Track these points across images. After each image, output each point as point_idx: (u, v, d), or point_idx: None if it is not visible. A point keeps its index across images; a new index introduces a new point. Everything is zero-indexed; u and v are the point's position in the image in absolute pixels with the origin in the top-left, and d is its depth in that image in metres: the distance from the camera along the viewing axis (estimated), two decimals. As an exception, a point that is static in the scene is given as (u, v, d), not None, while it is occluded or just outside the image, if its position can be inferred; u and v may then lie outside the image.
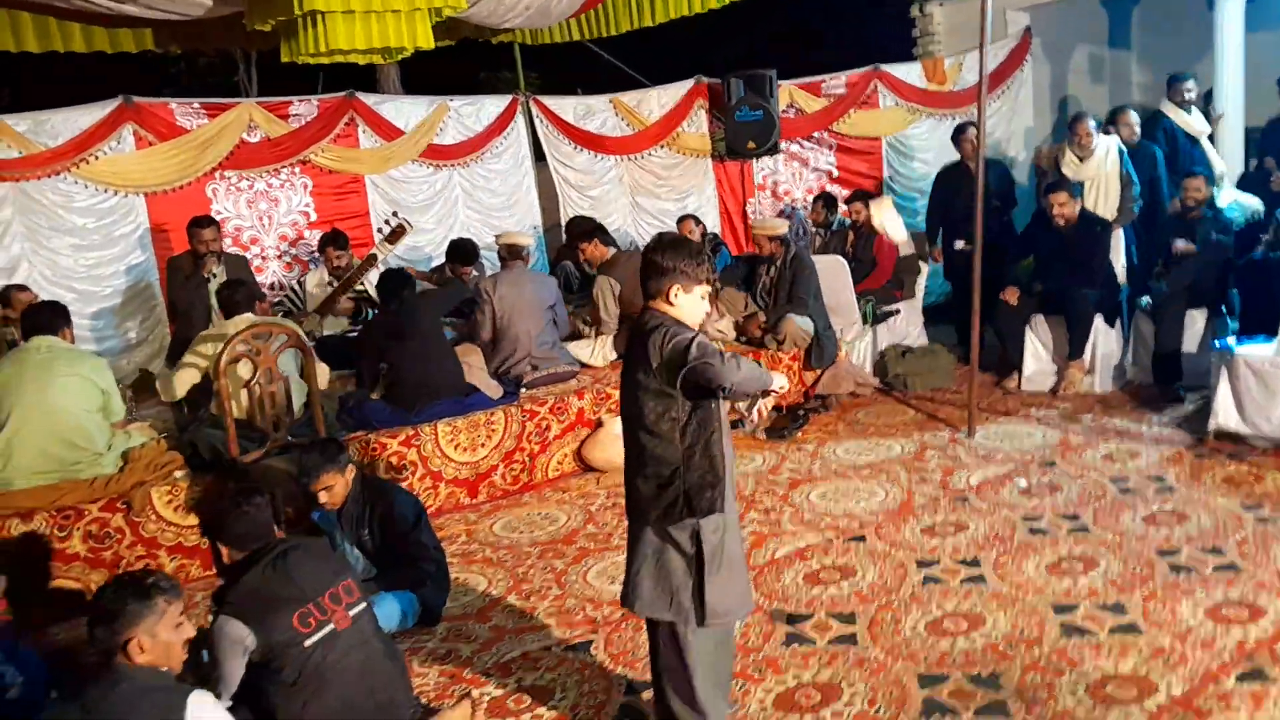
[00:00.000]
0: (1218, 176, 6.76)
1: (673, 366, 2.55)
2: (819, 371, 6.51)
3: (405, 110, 7.94)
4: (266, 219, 7.34)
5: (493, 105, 8.32)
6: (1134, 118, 7.06)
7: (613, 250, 6.53)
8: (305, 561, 2.83)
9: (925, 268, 7.72)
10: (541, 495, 5.35)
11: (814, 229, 8.12)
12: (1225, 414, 5.05)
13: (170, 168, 6.90)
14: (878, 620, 3.62)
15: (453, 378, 5.25)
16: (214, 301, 5.52)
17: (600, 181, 8.67)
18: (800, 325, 6.30)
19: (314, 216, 7.51)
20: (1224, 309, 6.04)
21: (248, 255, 7.10)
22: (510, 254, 5.97)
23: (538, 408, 5.47)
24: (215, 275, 5.89)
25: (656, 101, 8.84)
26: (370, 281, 6.37)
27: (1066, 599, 3.65)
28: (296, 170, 7.42)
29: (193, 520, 4.36)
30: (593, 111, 8.66)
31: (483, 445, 5.26)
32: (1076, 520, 4.36)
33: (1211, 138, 7.34)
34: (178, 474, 4.47)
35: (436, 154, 7.98)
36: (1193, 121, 7.18)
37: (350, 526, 3.77)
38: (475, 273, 6.81)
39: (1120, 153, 6.89)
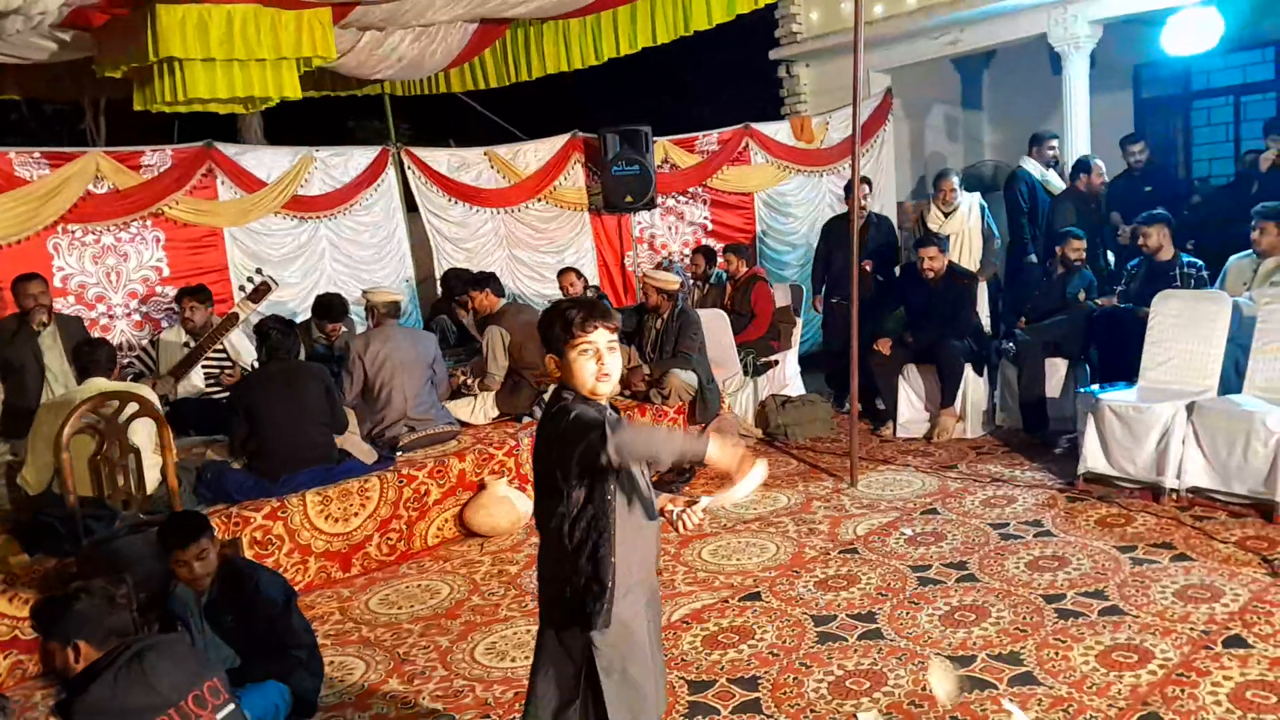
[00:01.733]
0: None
1: (564, 447, 2.29)
2: (703, 424, 6.47)
3: (268, 161, 7.60)
4: (114, 275, 6.84)
5: (362, 156, 8.07)
6: (1103, 168, 7.28)
7: (503, 301, 6.36)
8: (164, 662, 2.51)
9: (800, 320, 7.85)
10: (421, 565, 5.06)
11: (693, 282, 8.16)
12: (1093, 458, 5.25)
13: (7, 221, 6.37)
14: (780, 684, 3.52)
15: (323, 444, 4.94)
16: (48, 360, 5.12)
17: (476, 234, 8.50)
18: (684, 380, 6.26)
19: (167, 272, 7.06)
20: (1084, 358, 6.33)
21: (93, 314, 6.60)
22: (389, 311, 5.71)
23: (415, 472, 5.20)
24: (45, 325, 5.47)
25: (533, 155, 8.77)
26: (232, 342, 6.00)
27: (963, 650, 3.64)
28: (148, 223, 6.96)
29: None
30: (467, 164, 8.52)
31: (355, 514, 4.94)
32: (964, 568, 4.40)
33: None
34: (13, 559, 4.01)
35: (301, 206, 7.66)
36: (1051, 179, 7.58)
37: (211, 612, 3.44)
38: (344, 329, 6.51)
39: (982, 209, 7.20)
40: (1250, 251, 5.71)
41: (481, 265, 8.31)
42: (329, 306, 6.50)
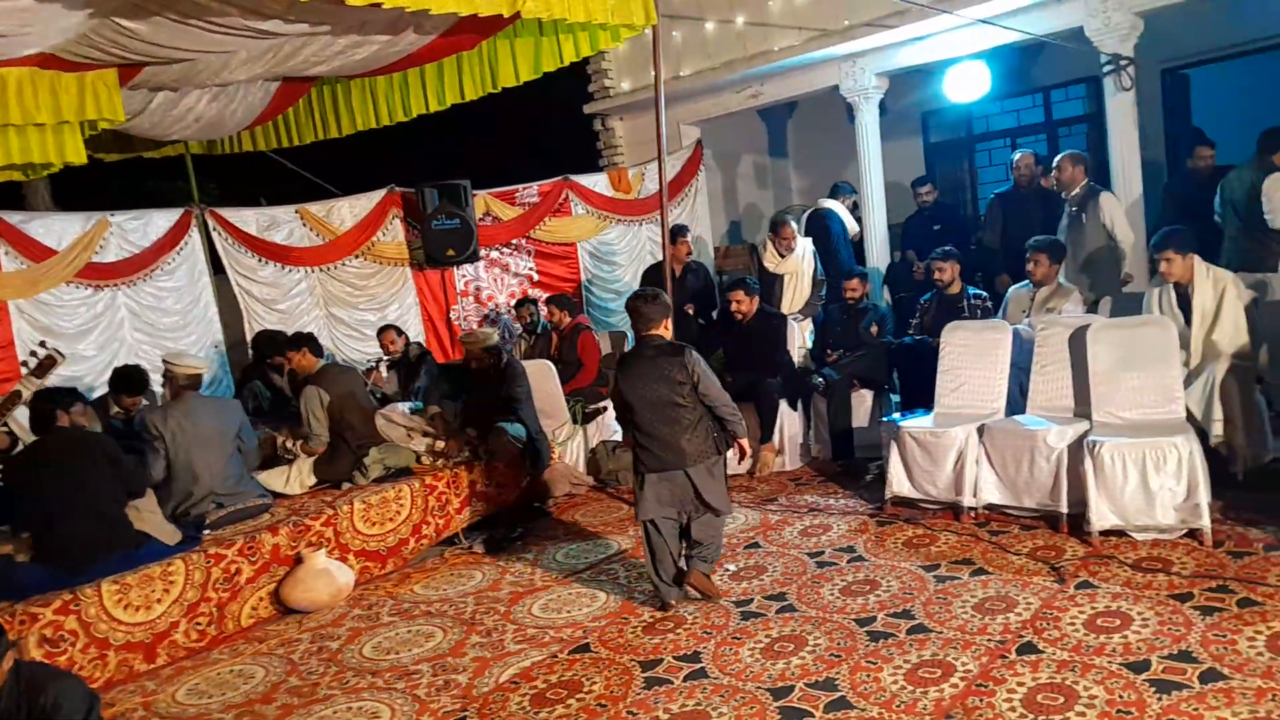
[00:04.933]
0: (868, 270, 7.59)
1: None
2: (534, 476, 6.44)
3: (57, 228, 7.15)
4: (-122, 357, 6.25)
5: (162, 219, 7.71)
6: (1210, 151, 7.08)
7: (322, 361, 6.15)
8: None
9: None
10: (235, 649, 4.78)
11: (520, 333, 8.17)
12: (899, 482, 5.54)
13: None
14: (606, 735, 3.51)
15: (119, 528, 4.61)
16: None
17: (289, 294, 8.24)
18: (511, 434, 6.22)
19: (-58, 350, 6.49)
20: (886, 388, 6.70)
21: None
22: (189, 383, 5.42)
23: (225, 550, 4.93)
24: None
25: (348, 211, 8.61)
26: (18, 423, 5.55)
27: (783, 681, 3.74)
28: (-81, 300, 6.41)
29: None
30: (278, 222, 8.27)
31: (159, 601, 4.63)
32: (783, 599, 4.54)
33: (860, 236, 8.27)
34: None
35: (96, 273, 7.24)
36: (851, 221, 8.05)
37: (-9, 727, 3.13)
38: (145, 403, 6.14)
39: (814, 256, 7.56)
40: (1027, 282, 6.21)
41: (297, 326, 8.05)
42: (127, 379, 6.11)
